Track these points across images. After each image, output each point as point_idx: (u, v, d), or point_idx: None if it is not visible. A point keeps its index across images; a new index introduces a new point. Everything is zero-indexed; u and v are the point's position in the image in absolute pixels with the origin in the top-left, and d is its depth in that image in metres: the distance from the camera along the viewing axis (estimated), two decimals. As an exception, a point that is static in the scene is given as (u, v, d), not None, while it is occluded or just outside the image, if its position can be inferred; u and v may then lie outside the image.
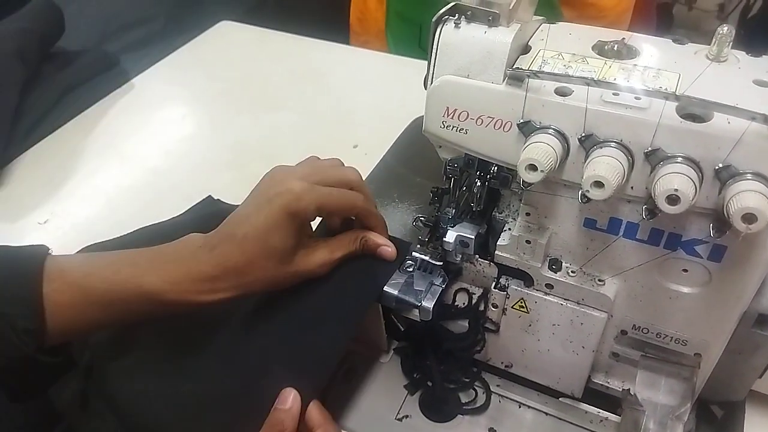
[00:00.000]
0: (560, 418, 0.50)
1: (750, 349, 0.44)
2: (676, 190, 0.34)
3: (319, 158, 0.51)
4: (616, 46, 0.42)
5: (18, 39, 0.82)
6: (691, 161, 0.36)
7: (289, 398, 0.41)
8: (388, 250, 0.48)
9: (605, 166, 0.35)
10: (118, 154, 0.81)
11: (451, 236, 0.47)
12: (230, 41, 1.07)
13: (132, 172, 0.78)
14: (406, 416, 0.50)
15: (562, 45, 0.43)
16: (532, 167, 0.37)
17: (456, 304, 0.51)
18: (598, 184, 0.35)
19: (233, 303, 0.44)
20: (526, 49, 0.43)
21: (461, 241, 0.47)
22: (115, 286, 0.42)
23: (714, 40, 0.40)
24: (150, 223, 0.62)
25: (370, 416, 0.50)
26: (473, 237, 0.46)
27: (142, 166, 0.79)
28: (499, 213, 0.48)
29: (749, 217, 0.33)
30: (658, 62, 0.41)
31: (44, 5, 0.90)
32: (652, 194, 0.35)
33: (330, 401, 0.50)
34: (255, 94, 0.92)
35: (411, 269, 0.49)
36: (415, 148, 0.64)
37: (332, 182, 0.46)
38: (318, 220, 0.48)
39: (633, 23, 1.14)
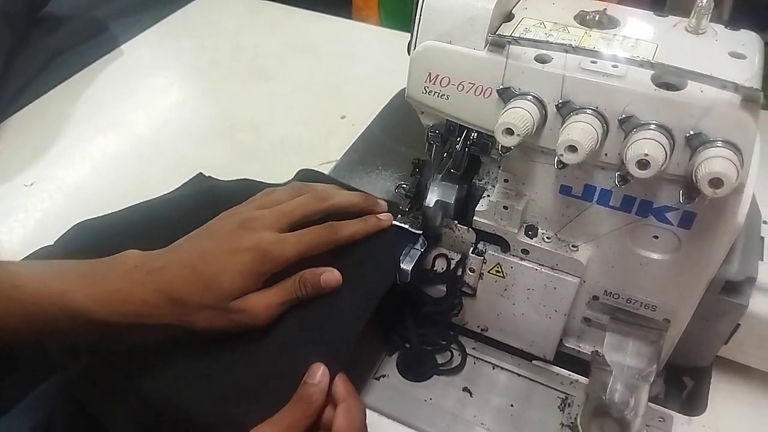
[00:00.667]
0: (532, 380, 0.51)
1: (717, 315, 0.46)
2: (647, 154, 0.35)
3: (304, 185, 0.50)
4: (597, 16, 0.43)
5: (4, 3, 0.81)
6: (663, 128, 0.37)
7: (318, 373, 0.41)
8: (330, 278, 0.44)
9: (579, 131, 0.36)
10: (106, 120, 0.81)
11: (431, 200, 0.48)
12: (221, 10, 1.06)
13: (119, 139, 0.78)
14: (384, 375, 0.51)
15: (545, 14, 0.43)
16: (509, 131, 0.38)
17: (435, 269, 0.52)
18: (572, 148, 0.36)
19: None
20: (509, 17, 0.43)
21: (441, 205, 0.48)
22: (42, 300, 0.40)
23: (693, 12, 0.41)
24: (136, 191, 0.63)
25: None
26: (452, 201, 0.47)
27: (130, 133, 0.79)
28: (479, 180, 0.49)
29: (716, 182, 0.34)
30: (638, 33, 0.42)
31: (32, -32, 0.89)
32: (624, 160, 0.36)
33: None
34: (245, 64, 0.92)
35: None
36: (399, 118, 0.65)
37: (313, 217, 0.45)
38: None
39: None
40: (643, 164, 0.35)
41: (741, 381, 0.51)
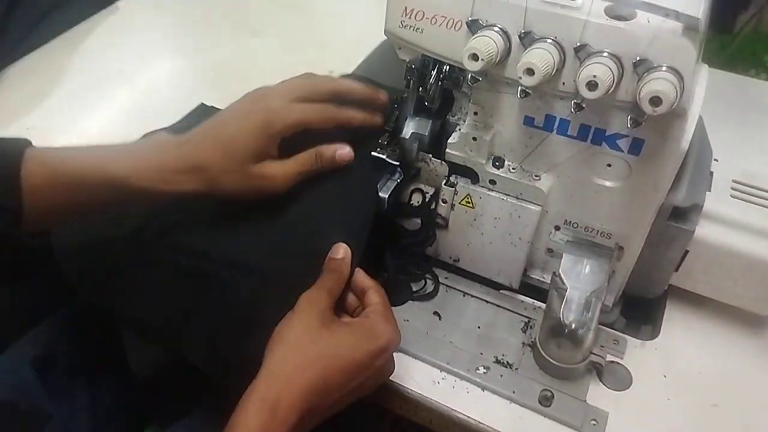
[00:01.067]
0: (499, 306, 0.55)
1: (666, 241, 0.49)
2: (595, 76, 0.38)
3: (314, 74, 0.53)
4: (561, -42, 0.46)
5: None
6: (614, 56, 0.40)
7: (341, 250, 0.46)
8: (344, 152, 0.50)
9: (536, 55, 0.40)
10: (103, 70, 0.84)
11: (407, 132, 0.51)
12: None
13: (114, 88, 0.81)
14: (361, 300, 0.55)
15: (514, -44, 0.47)
16: (474, 57, 0.41)
17: (411, 203, 0.56)
18: (529, 71, 0.40)
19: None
20: (480, -42, 0.46)
21: (416, 137, 0.51)
22: (84, 170, 0.46)
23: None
24: (132, 136, 0.66)
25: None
26: (426, 134, 0.51)
27: (127, 84, 0.82)
28: (453, 116, 0.52)
29: (655, 100, 0.37)
30: (597, -27, 0.45)
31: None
32: (576, 84, 0.40)
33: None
34: (236, 20, 0.95)
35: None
36: (381, 64, 0.68)
37: (317, 96, 0.49)
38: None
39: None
40: (592, 85, 0.39)
41: (694, 310, 0.55)
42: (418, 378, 0.50)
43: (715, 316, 0.54)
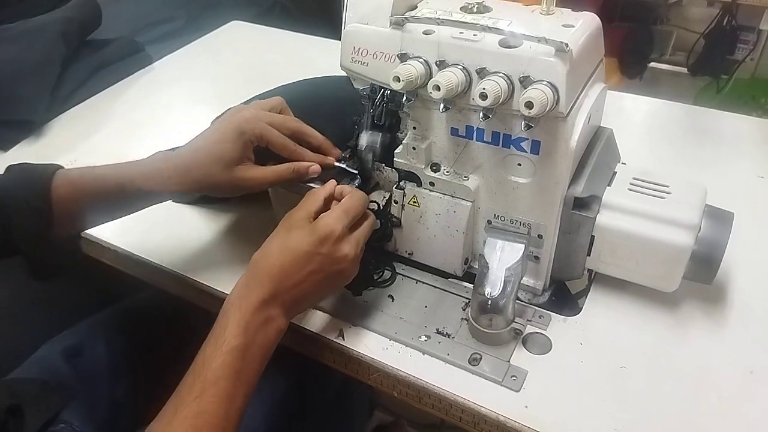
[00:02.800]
0: (444, 290, 0.65)
1: (574, 228, 0.59)
2: (484, 89, 0.50)
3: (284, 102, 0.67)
4: (475, 6, 0.59)
5: (62, 24, 1.02)
6: (505, 75, 0.52)
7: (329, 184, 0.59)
8: (315, 169, 0.63)
9: (443, 76, 0.52)
10: (136, 120, 1.00)
11: (362, 144, 0.63)
12: (238, 36, 1.26)
13: (148, 131, 0.97)
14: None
15: (439, 6, 0.59)
16: (397, 78, 0.53)
17: (371, 208, 0.67)
18: (436, 87, 0.52)
19: None
20: (413, 8, 0.60)
21: (370, 148, 0.63)
22: (100, 179, 0.61)
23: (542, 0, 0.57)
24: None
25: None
26: (377, 145, 0.63)
27: (157, 126, 0.98)
28: (400, 133, 0.64)
29: (528, 104, 0.49)
30: (501, 15, 0.57)
31: (86, 1, 1.12)
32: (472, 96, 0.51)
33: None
34: (254, 76, 1.11)
35: (335, 174, 0.65)
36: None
37: (284, 130, 0.62)
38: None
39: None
40: (483, 96, 0.50)
41: (616, 292, 0.63)
42: (371, 345, 0.60)
43: (634, 297, 0.63)
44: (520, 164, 0.57)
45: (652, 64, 2.11)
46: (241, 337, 0.50)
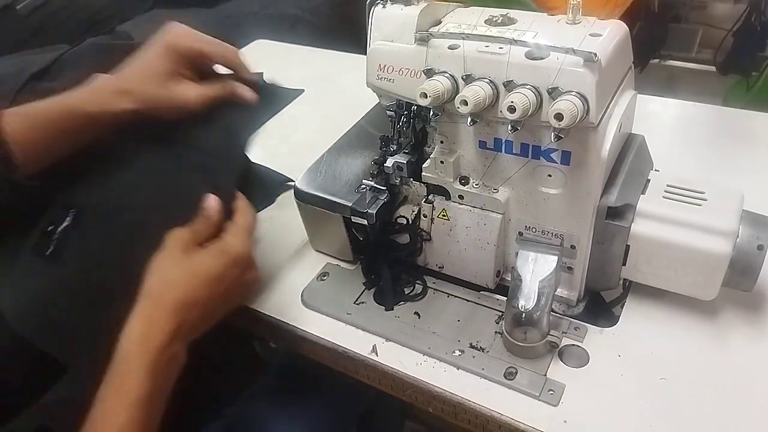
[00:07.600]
0: (477, 303, 0.64)
1: (608, 238, 0.58)
2: (512, 102, 0.50)
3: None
4: (500, 18, 0.59)
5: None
6: (532, 87, 0.52)
7: (211, 200, 0.57)
8: (247, 93, 0.68)
9: (470, 91, 0.52)
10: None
11: (390, 162, 0.63)
12: (263, 54, 1.28)
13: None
14: (362, 302, 0.66)
15: (464, 19, 0.60)
16: (424, 94, 0.53)
17: (401, 222, 0.67)
18: (464, 102, 0.52)
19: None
20: (437, 23, 0.60)
21: (397, 166, 0.63)
22: (51, 107, 0.59)
23: (569, 9, 0.56)
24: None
25: (338, 301, 0.66)
26: (405, 162, 0.63)
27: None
28: (428, 147, 0.64)
29: (558, 116, 0.48)
30: (527, 26, 0.57)
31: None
32: (501, 108, 0.51)
33: (306, 294, 0.67)
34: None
35: (364, 190, 0.65)
36: (379, 114, 0.81)
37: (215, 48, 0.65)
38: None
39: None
40: (511, 109, 0.50)
41: (653, 301, 0.62)
42: (405, 360, 0.60)
43: (672, 306, 0.61)
44: (550, 175, 0.56)
45: (677, 63, 2.08)
46: (147, 383, 0.47)
